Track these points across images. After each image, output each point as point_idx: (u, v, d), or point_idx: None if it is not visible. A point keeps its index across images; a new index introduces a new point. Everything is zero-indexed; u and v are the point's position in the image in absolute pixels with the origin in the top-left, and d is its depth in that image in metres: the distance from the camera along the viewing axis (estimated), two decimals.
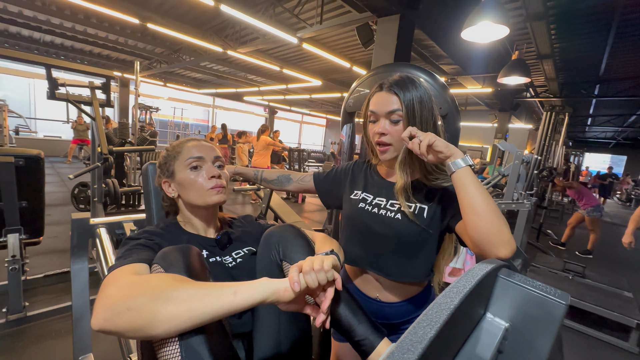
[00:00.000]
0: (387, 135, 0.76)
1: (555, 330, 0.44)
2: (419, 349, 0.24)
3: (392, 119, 0.76)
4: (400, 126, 0.75)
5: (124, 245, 0.64)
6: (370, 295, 0.86)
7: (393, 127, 0.76)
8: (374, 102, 0.79)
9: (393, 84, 0.76)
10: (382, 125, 0.77)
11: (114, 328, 0.45)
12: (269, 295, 0.49)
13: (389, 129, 0.76)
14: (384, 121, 0.77)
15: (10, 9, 5.14)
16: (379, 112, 0.77)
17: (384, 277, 0.81)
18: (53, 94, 2.13)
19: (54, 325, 1.79)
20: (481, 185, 0.63)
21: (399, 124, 0.75)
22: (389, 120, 0.76)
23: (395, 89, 0.75)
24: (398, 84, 0.76)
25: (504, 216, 0.62)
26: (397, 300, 0.83)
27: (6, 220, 1.68)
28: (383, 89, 0.78)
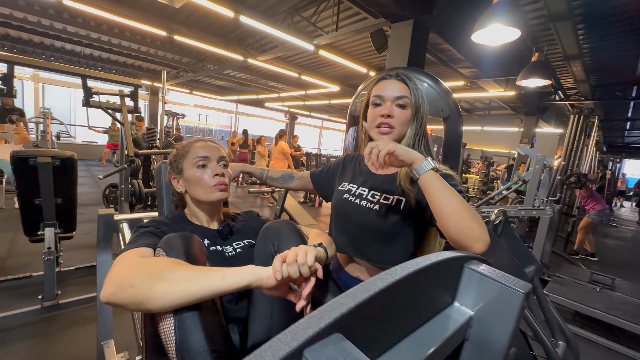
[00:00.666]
0: (392, 118, 0.79)
1: (515, 318, 0.45)
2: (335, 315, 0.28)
3: (399, 104, 0.79)
4: (407, 112, 0.79)
5: (135, 232, 0.73)
6: (352, 274, 0.92)
7: (400, 111, 0.79)
8: (381, 88, 0.82)
9: (401, 74, 0.81)
10: (388, 107, 0.80)
11: (118, 301, 0.52)
12: (254, 280, 0.54)
13: (396, 112, 0.79)
14: (391, 104, 0.80)
15: (56, 26, 5.67)
16: (386, 96, 0.80)
17: (366, 262, 0.86)
18: (88, 101, 2.34)
19: (82, 313, 1.94)
20: (447, 187, 0.65)
21: (406, 109, 0.79)
22: (396, 105, 0.79)
23: (404, 78, 0.80)
24: (406, 75, 0.81)
25: (474, 212, 0.64)
26: None
27: (44, 215, 1.87)
28: (391, 77, 0.82)
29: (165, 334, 0.53)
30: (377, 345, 0.36)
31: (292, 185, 1.15)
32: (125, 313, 1.92)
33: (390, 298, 0.35)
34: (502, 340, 0.46)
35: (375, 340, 0.35)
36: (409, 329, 0.42)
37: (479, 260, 0.53)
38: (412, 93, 0.79)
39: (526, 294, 0.45)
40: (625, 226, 7.85)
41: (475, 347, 0.49)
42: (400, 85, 0.80)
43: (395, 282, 0.35)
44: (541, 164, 2.82)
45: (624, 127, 10.32)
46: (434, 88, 1.27)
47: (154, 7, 4.60)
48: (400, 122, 0.80)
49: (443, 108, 1.24)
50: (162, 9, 4.64)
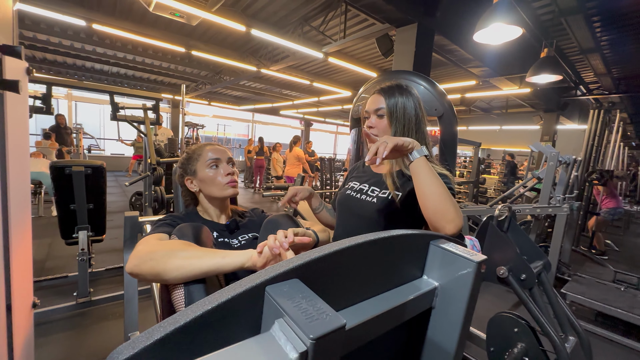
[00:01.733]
0: (374, 128, 0.93)
1: (470, 285, 0.52)
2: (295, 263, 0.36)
3: (379, 114, 0.93)
4: (384, 120, 0.92)
5: (155, 224, 0.85)
6: None
7: (378, 121, 0.93)
8: (368, 104, 0.97)
9: (381, 89, 0.94)
10: (370, 120, 0.94)
11: (139, 272, 0.64)
12: (246, 260, 0.64)
13: (375, 122, 0.93)
14: (373, 117, 0.94)
15: (86, 48, 6.16)
16: (369, 110, 0.95)
17: None
18: (115, 116, 2.57)
19: (112, 309, 2.12)
20: (433, 173, 0.73)
21: (383, 119, 0.92)
22: (376, 116, 0.93)
23: (382, 92, 0.93)
24: (385, 88, 0.94)
25: (453, 199, 0.71)
26: None
27: (78, 219, 2.06)
28: (375, 93, 0.96)
29: (177, 301, 0.64)
30: (340, 300, 0.44)
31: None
32: (149, 309, 2.07)
33: (351, 259, 0.43)
34: (461, 305, 0.53)
35: (338, 295, 0.43)
36: (375, 291, 0.49)
37: (446, 239, 0.60)
38: (387, 103, 0.91)
39: (478, 263, 0.51)
40: None
41: (441, 314, 0.56)
42: (379, 99, 0.93)
43: (356, 245, 0.43)
44: (555, 161, 2.77)
45: None
46: (429, 90, 1.33)
47: (172, 25, 4.92)
48: (380, 130, 0.92)
49: (437, 107, 1.30)
50: (180, 27, 4.95)
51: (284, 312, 0.30)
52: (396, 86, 0.94)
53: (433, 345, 0.57)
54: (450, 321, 0.54)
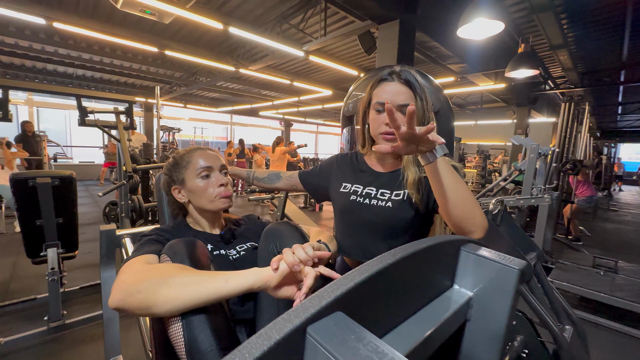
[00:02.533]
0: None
1: (512, 295, 0.47)
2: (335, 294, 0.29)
3: (403, 112, 0.76)
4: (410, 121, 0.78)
5: (138, 241, 0.74)
6: None
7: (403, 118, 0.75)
8: (384, 92, 0.79)
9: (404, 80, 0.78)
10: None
11: (126, 306, 0.54)
12: (256, 281, 0.55)
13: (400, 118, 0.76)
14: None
15: (47, 49, 5.71)
16: (390, 101, 0.76)
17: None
18: (83, 121, 2.37)
19: (89, 331, 1.94)
20: (456, 174, 0.65)
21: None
22: (400, 112, 0.76)
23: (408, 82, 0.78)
24: (409, 80, 0.78)
25: (477, 202, 0.65)
26: None
27: (46, 236, 1.87)
28: (391, 80, 0.79)
29: (175, 337, 0.55)
30: (381, 325, 0.38)
31: (279, 185, 1.12)
32: (132, 328, 1.92)
33: (389, 279, 0.37)
34: (501, 318, 0.48)
35: (378, 321, 0.37)
36: (411, 310, 0.43)
37: (475, 243, 0.55)
38: (418, 97, 0.76)
39: (521, 270, 0.46)
40: (625, 209, 7.89)
41: (477, 326, 0.51)
42: (404, 91, 0.77)
43: (394, 263, 0.37)
44: (536, 153, 2.85)
45: (616, 111, 10.44)
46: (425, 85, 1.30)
47: (143, 24, 4.66)
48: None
49: (433, 103, 1.26)
50: (152, 25, 4.69)
51: None
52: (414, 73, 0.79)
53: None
54: (488, 335, 0.49)
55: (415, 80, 0.79)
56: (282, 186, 1.13)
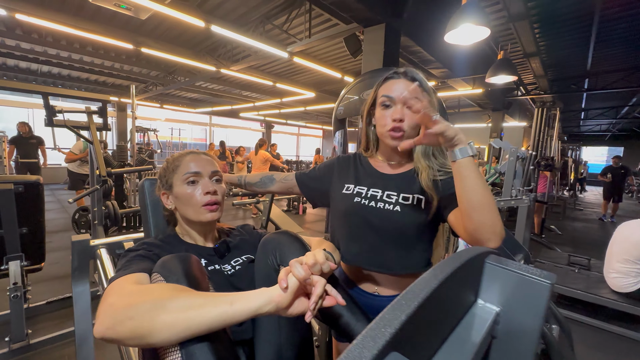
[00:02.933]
0: (403, 122, 0.76)
1: (543, 311, 0.44)
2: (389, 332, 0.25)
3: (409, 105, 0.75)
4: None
5: (123, 257, 0.66)
6: (368, 291, 0.85)
7: (411, 113, 0.73)
8: (390, 88, 0.78)
9: (410, 77, 0.78)
10: (399, 110, 0.76)
11: (115, 336, 0.46)
12: (265, 303, 0.49)
13: (407, 114, 0.75)
14: (401, 107, 0.76)
15: (8, 43, 5.28)
16: (396, 97, 0.76)
17: (384, 272, 0.81)
18: (51, 121, 2.18)
19: (58, 352, 1.77)
20: (482, 177, 0.63)
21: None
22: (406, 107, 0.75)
23: (415, 80, 0.77)
24: (417, 77, 0.78)
25: (497, 209, 0.63)
26: (396, 293, 0.82)
27: (7, 248, 1.69)
28: (397, 77, 0.78)
29: None
30: (424, 356, 0.33)
31: (273, 189, 1.07)
32: (109, 346, 1.77)
33: (431, 304, 0.33)
34: (531, 334, 0.45)
35: (422, 351, 0.33)
36: (444, 333, 0.40)
37: (497, 254, 0.52)
38: (426, 94, 0.75)
39: (552, 285, 0.44)
40: (589, 208, 8.42)
41: (504, 344, 0.48)
42: (414, 87, 0.76)
43: (437, 287, 0.33)
44: (515, 156, 2.96)
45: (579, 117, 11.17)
46: None
47: (117, 19, 4.41)
48: (411, 125, 0.76)
49: None
50: (127, 21, 4.46)
51: None
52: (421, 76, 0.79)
53: None
54: (517, 353, 0.47)
55: (423, 79, 0.79)
56: (277, 189, 1.06)
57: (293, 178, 1.01)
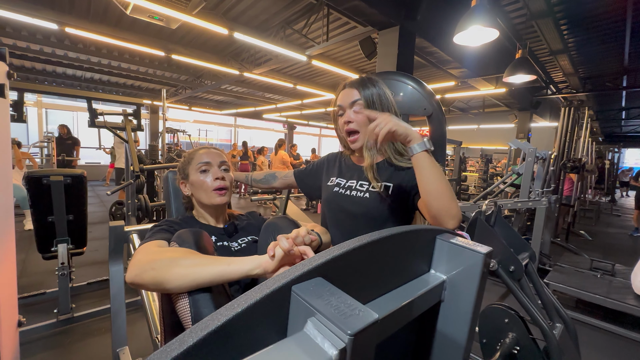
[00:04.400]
0: (353, 123, 0.90)
1: (479, 277, 0.53)
2: (319, 261, 0.36)
3: (355, 109, 0.90)
4: (362, 114, 0.89)
5: (151, 230, 0.82)
6: None
7: (357, 114, 0.89)
8: (340, 98, 0.93)
9: (353, 82, 0.92)
10: (347, 114, 0.91)
11: (141, 281, 0.62)
12: (255, 266, 0.61)
13: (353, 116, 0.90)
14: (349, 111, 0.91)
15: (57, 52, 5.88)
16: (344, 105, 0.92)
17: None
18: (93, 122, 2.46)
19: (96, 325, 2.02)
20: (437, 168, 0.72)
21: (361, 111, 0.89)
22: (353, 110, 0.90)
23: (355, 84, 0.91)
24: (357, 81, 0.92)
25: (454, 194, 0.72)
26: None
27: (57, 232, 1.96)
28: (346, 87, 0.93)
29: (182, 311, 0.61)
30: (358, 297, 0.44)
31: (275, 185, 1.22)
32: (137, 322, 1.99)
33: (367, 256, 0.43)
34: (470, 298, 0.54)
35: (357, 292, 0.43)
36: (389, 287, 0.50)
37: (452, 233, 0.61)
38: (362, 94, 0.88)
39: (485, 255, 0.53)
40: (629, 214, 7.85)
41: (450, 306, 0.57)
42: (352, 92, 0.89)
43: (370, 242, 0.43)
44: (533, 156, 2.90)
45: (620, 116, 10.40)
46: (417, 89, 1.36)
47: (151, 29, 4.79)
48: (360, 123, 0.89)
49: (426, 107, 1.33)
50: (159, 30, 4.82)
51: (316, 311, 0.30)
52: (366, 78, 0.93)
53: (444, 337, 0.58)
54: (459, 313, 0.56)
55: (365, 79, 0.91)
56: (279, 185, 1.22)
57: (292, 175, 1.18)
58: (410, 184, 0.86)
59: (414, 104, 1.33)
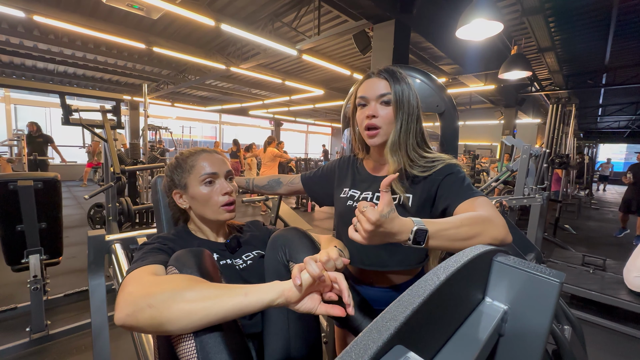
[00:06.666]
0: (377, 118, 0.77)
1: (552, 309, 0.44)
2: (394, 325, 0.25)
3: (383, 101, 0.77)
4: (389, 109, 0.77)
5: (139, 249, 0.68)
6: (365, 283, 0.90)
7: (384, 109, 0.77)
8: (364, 88, 0.80)
9: (383, 71, 0.79)
10: (372, 107, 0.78)
11: (135, 323, 0.48)
12: (277, 296, 0.50)
13: (380, 111, 0.77)
14: (375, 104, 0.78)
15: (26, 44, 5.45)
16: (369, 96, 0.78)
17: (380, 269, 0.84)
18: (67, 119, 2.25)
19: (75, 342, 1.83)
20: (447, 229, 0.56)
21: (390, 106, 0.77)
22: (379, 104, 0.77)
23: (386, 74, 0.78)
24: (388, 71, 0.79)
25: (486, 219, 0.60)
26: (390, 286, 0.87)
27: (27, 242, 1.76)
28: (372, 76, 0.80)
29: (186, 357, 0.49)
30: (430, 350, 0.34)
31: (281, 191, 1.12)
32: (123, 338, 1.83)
33: (436, 301, 0.33)
34: (539, 332, 0.45)
35: (427, 346, 0.33)
36: (451, 329, 0.40)
37: (505, 253, 0.52)
38: (393, 89, 0.76)
39: (561, 284, 0.44)
40: (606, 207, 8.18)
41: (511, 342, 0.48)
42: (383, 83, 0.77)
43: (442, 283, 0.33)
44: (527, 153, 2.89)
45: (597, 113, 10.82)
46: (428, 84, 1.27)
47: (129, 19, 4.50)
48: (385, 120, 0.77)
49: (438, 103, 1.25)
50: (139, 21, 4.54)
51: None
52: (398, 71, 0.80)
53: None
54: (524, 351, 0.47)
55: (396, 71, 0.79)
56: (284, 192, 1.12)
57: (299, 181, 1.06)
58: (435, 193, 0.78)
59: (425, 100, 1.24)
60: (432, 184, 0.78)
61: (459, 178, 0.75)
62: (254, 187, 1.13)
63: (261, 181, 1.13)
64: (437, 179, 0.77)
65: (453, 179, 0.75)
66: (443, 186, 0.76)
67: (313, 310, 0.52)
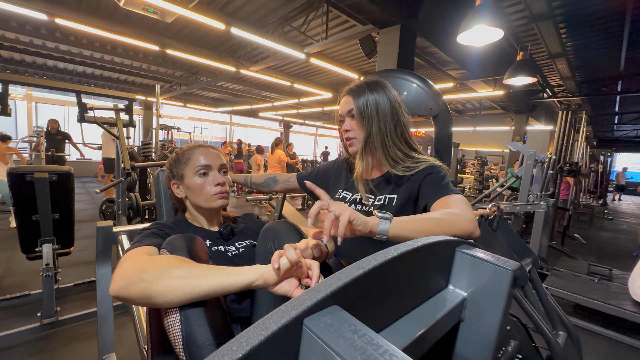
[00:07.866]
0: (351, 131, 0.89)
1: (506, 296, 0.47)
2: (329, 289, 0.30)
3: (351, 115, 0.88)
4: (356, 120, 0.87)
5: (139, 234, 0.75)
6: None
7: (353, 123, 0.88)
8: (340, 107, 0.92)
9: (349, 89, 0.90)
10: (346, 123, 0.89)
11: (127, 295, 0.54)
12: (257, 277, 0.55)
13: (350, 125, 0.88)
14: (347, 119, 0.89)
15: (48, 45, 5.71)
16: (342, 113, 0.91)
17: None
18: (83, 117, 2.36)
19: (82, 329, 1.92)
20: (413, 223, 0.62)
21: (355, 118, 0.88)
22: (350, 118, 0.89)
23: (350, 92, 0.89)
24: (352, 88, 0.89)
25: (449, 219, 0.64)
26: None
27: (41, 231, 1.86)
28: (344, 94, 0.92)
29: (172, 329, 0.55)
30: (376, 321, 0.38)
31: (276, 189, 1.19)
32: (126, 326, 1.91)
33: (385, 276, 0.37)
34: (494, 318, 0.48)
35: (374, 316, 0.37)
36: (406, 308, 0.44)
37: (470, 244, 0.56)
38: (355, 103, 0.86)
39: (514, 272, 0.47)
40: (620, 218, 7.94)
41: (471, 327, 0.51)
42: (349, 100, 0.88)
43: (388, 260, 0.37)
44: (532, 160, 2.87)
45: (613, 121, 10.53)
46: (423, 88, 1.31)
47: (145, 22, 4.66)
48: (356, 131, 0.88)
49: (432, 107, 1.28)
50: (154, 24, 4.70)
51: (336, 355, 0.23)
52: (365, 84, 0.89)
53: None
54: (482, 335, 0.50)
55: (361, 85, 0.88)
56: (280, 190, 1.19)
57: (295, 180, 1.13)
58: (416, 192, 0.83)
59: (419, 103, 1.28)
60: (414, 184, 0.83)
61: (438, 177, 0.80)
62: (252, 184, 1.19)
63: (258, 179, 1.19)
64: (418, 178, 0.82)
65: (432, 178, 0.80)
66: (424, 185, 0.80)
67: (289, 293, 0.57)
